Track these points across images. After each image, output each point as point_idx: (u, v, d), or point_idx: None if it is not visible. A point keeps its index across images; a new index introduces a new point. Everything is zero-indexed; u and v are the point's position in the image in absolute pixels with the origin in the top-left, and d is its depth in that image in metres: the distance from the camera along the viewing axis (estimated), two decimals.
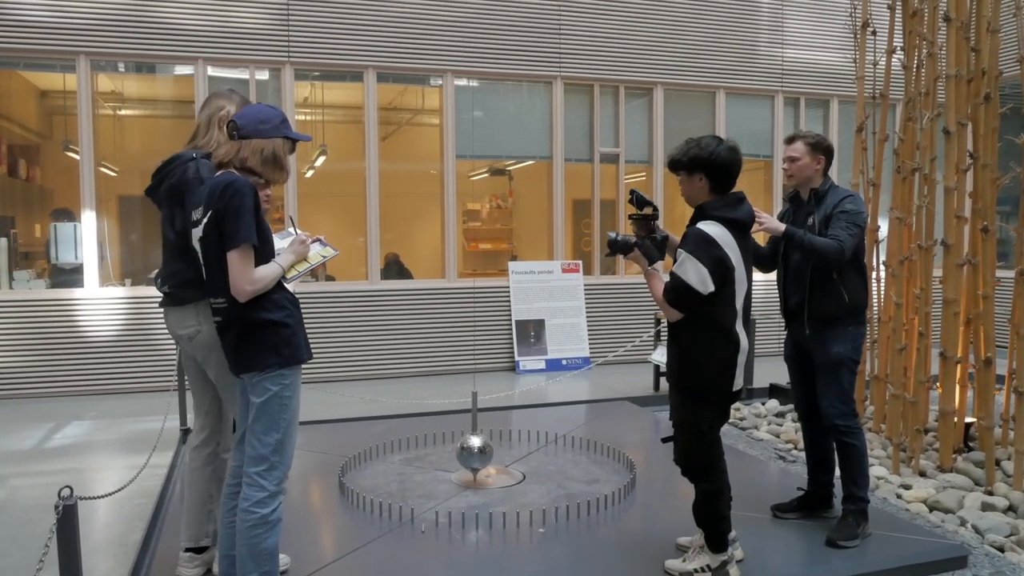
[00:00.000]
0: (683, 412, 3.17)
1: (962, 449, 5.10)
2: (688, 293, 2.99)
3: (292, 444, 2.80)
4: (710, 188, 3.12)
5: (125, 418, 6.38)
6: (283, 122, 2.83)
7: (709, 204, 3.11)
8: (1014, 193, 5.68)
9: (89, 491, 3.67)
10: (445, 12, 8.21)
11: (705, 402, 3.14)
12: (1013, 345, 4.93)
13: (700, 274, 2.97)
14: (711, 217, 3.08)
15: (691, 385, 3.14)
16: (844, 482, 3.73)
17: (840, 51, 9.11)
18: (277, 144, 2.78)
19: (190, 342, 3.08)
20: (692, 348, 3.10)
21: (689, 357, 3.12)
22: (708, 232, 3.03)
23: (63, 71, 7.59)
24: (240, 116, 2.79)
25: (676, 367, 3.18)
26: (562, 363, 8.49)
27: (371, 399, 6.73)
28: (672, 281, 3.04)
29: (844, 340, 3.66)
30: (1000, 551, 3.75)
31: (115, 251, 8.56)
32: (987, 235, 4.92)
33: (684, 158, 3.12)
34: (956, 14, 4.80)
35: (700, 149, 3.09)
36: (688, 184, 3.17)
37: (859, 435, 3.70)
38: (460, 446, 4.47)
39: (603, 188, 9.00)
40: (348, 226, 9.23)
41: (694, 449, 3.17)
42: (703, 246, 3.01)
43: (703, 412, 3.14)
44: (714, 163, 3.07)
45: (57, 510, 2.40)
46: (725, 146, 3.11)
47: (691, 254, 2.99)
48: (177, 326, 3.11)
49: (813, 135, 3.80)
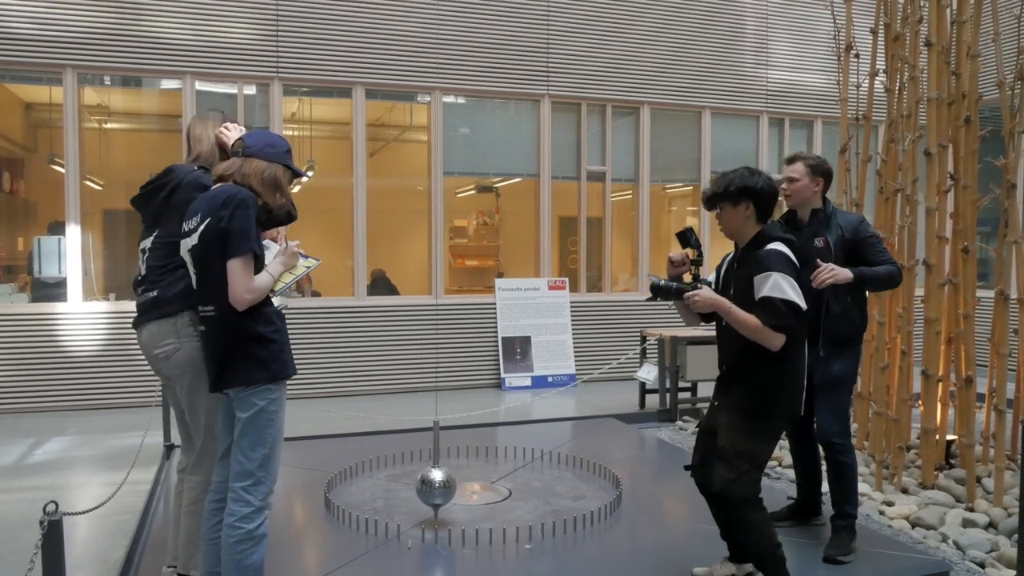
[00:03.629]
0: (749, 441, 3.03)
1: (944, 466, 5.14)
2: (794, 311, 2.90)
3: (278, 459, 2.80)
4: (756, 217, 3.09)
5: (107, 434, 6.32)
6: (288, 152, 2.90)
7: (770, 227, 3.11)
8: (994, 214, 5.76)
9: (71, 507, 3.64)
10: (433, 30, 8.26)
11: (775, 428, 3.08)
12: (993, 364, 4.99)
13: (796, 289, 2.92)
14: (776, 239, 3.05)
15: (769, 412, 3.03)
16: (836, 499, 3.75)
17: (824, 73, 9.25)
18: (278, 170, 2.84)
19: (166, 361, 3.02)
20: (779, 372, 3.01)
21: (775, 382, 3.01)
22: (782, 250, 3.00)
23: (49, 84, 7.58)
24: (250, 136, 2.85)
25: (766, 394, 3.02)
26: (548, 380, 8.50)
27: (357, 415, 6.71)
28: (773, 306, 2.90)
29: (846, 360, 3.72)
30: (981, 567, 3.78)
31: (99, 265, 8.52)
32: (968, 255, 4.98)
33: (731, 188, 3.06)
34: (937, 39, 4.89)
35: (746, 179, 3.05)
36: (733, 215, 3.10)
37: (852, 453, 3.75)
38: (420, 479, 4.04)
39: (590, 206, 9.05)
40: (335, 242, 9.23)
41: (750, 480, 3.03)
42: (786, 262, 2.97)
43: (771, 440, 3.09)
44: (763, 192, 3.05)
45: (42, 525, 2.38)
46: (765, 176, 3.10)
47: (781, 272, 2.92)
48: (153, 344, 3.04)
49: (813, 157, 3.82)
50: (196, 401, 3.05)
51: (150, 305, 3.08)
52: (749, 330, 2.95)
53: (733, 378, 3.13)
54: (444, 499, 4.07)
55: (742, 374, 3.08)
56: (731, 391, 3.13)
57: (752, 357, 3.02)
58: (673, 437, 6.37)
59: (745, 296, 3.00)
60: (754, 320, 2.93)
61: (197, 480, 3.13)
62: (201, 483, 3.11)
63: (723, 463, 3.06)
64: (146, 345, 3.10)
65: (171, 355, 3.01)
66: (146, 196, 3.21)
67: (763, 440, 3.06)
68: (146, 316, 3.10)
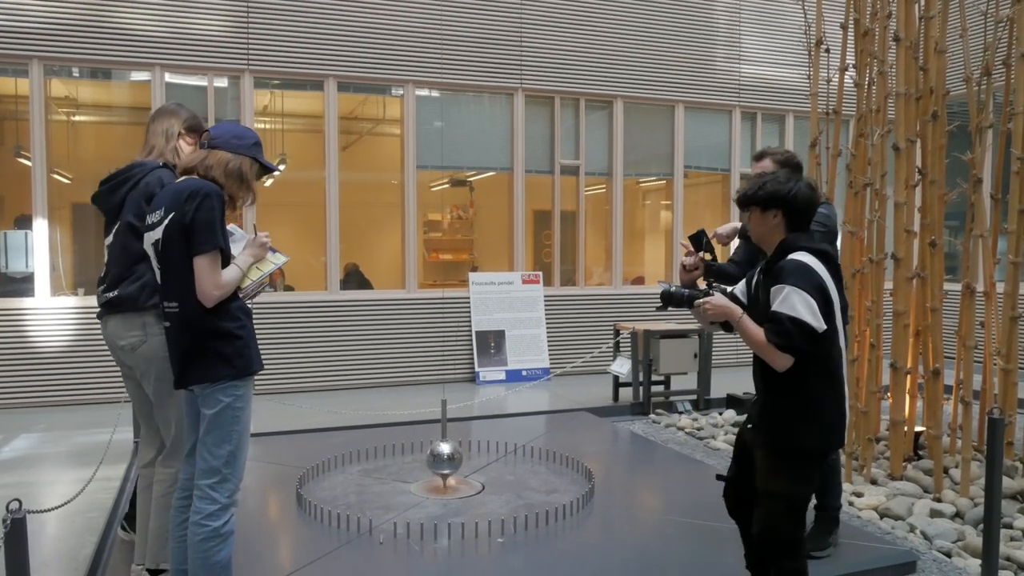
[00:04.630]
0: (783, 481, 2.73)
1: (912, 457, 5.22)
2: (803, 331, 2.60)
3: (244, 456, 2.77)
4: (786, 227, 2.80)
5: (75, 430, 6.24)
6: (256, 144, 2.85)
7: (795, 237, 2.79)
8: (961, 208, 5.85)
9: (38, 505, 3.58)
10: (407, 22, 8.21)
11: (812, 466, 2.76)
12: (960, 356, 5.07)
13: (811, 307, 2.61)
14: (801, 249, 2.75)
15: (800, 446, 2.72)
16: (818, 491, 3.69)
17: (795, 68, 9.31)
18: (244, 162, 2.79)
19: (132, 352, 3.02)
20: (805, 401, 2.71)
21: (801, 412, 2.71)
22: (804, 261, 2.70)
23: (15, 75, 7.44)
24: (216, 128, 2.81)
25: (780, 426, 2.75)
26: (522, 374, 8.51)
27: (330, 410, 6.67)
28: (779, 323, 2.63)
29: None
30: (947, 556, 3.84)
31: (67, 260, 8.39)
32: (935, 249, 5.05)
33: (761, 193, 2.80)
34: (905, 35, 4.94)
35: (779, 185, 2.78)
36: (761, 222, 2.83)
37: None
38: (430, 452, 4.48)
39: (563, 199, 9.06)
40: (308, 236, 9.17)
41: (787, 524, 2.73)
42: (806, 276, 2.65)
43: (809, 478, 2.77)
44: (795, 201, 2.76)
45: (5, 524, 2.34)
46: (805, 183, 2.81)
47: (795, 286, 2.62)
48: (118, 335, 3.04)
49: (782, 152, 3.75)
50: (164, 394, 3.03)
51: (115, 301, 3.06)
52: (755, 346, 2.71)
53: (759, 408, 2.86)
54: (452, 468, 4.51)
55: (766, 406, 2.82)
56: (759, 425, 2.85)
57: (770, 385, 2.79)
58: (646, 430, 6.41)
59: (764, 311, 2.74)
60: (760, 335, 2.69)
61: (168, 473, 3.11)
62: (172, 476, 3.10)
63: (759, 503, 2.82)
64: (111, 336, 3.09)
65: (137, 347, 3.01)
66: (107, 192, 3.19)
67: (793, 480, 2.73)
68: (111, 310, 3.08)
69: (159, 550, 3.14)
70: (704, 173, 10.12)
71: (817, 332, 2.62)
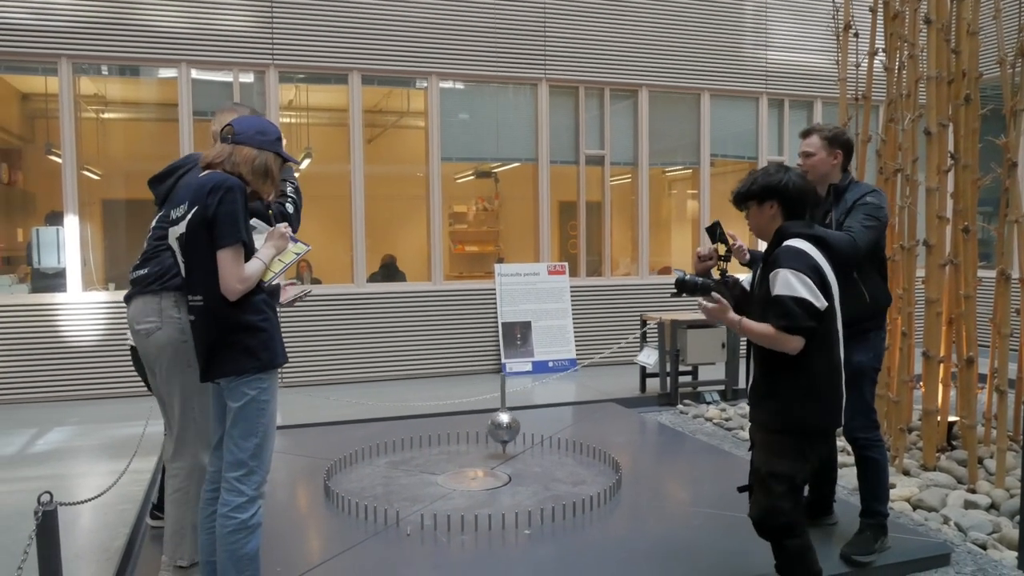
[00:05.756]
0: (782, 461, 2.81)
1: (945, 448, 5.13)
2: (806, 309, 2.68)
3: (270, 448, 2.79)
4: (783, 216, 2.92)
5: (108, 423, 6.33)
6: (279, 139, 2.86)
7: (788, 225, 2.89)
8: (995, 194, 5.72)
9: (71, 497, 3.64)
10: (430, 14, 8.20)
11: (810, 445, 2.85)
12: (995, 344, 4.96)
13: (808, 286, 2.69)
14: (793, 235, 2.86)
15: (801, 424, 2.81)
16: (864, 496, 3.57)
17: (823, 53, 9.17)
18: (269, 158, 2.80)
19: (146, 338, 3.08)
20: (807, 380, 2.78)
21: (801, 390, 2.78)
22: (797, 246, 2.81)
23: (45, 74, 7.53)
24: (239, 122, 2.81)
25: (781, 405, 2.82)
26: (548, 365, 8.49)
27: (357, 402, 6.70)
28: (782, 305, 2.70)
29: (866, 348, 3.45)
30: (983, 548, 3.77)
31: (98, 255, 8.51)
32: (968, 235, 4.95)
33: (755, 187, 2.93)
34: (937, 16, 4.84)
35: (770, 177, 2.90)
36: (759, 215, 2.96)
37: (881, 448, 3.53)
38: (491, 422, 5.05)
39: (589, 190, 9.01)
40: (334, 229, 9.21)
41: (788, 503, 2.82)
42: (799, 258, 2.76)
43: (807, 457, 2.84)
44: (788, 191, 2.88)
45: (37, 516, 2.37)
46: (795, 173, 2.94)
47: (791, 268, 2.73)
48: (137, 318, 3.12)
49: (830, 128, 3.57)
50: (172, 385, 3.08)
51: (139, 280, 3.15)
52: (764, 341, 2.77)
53: (757, 391, 2.94)
54: (510, 436, 5.06)
55: (764, 387, 2.90)
56: (758, 406, 2.94)
57: (770, 367, 2.85)
58: (674, 421, 6.37)
59: (764, 300, 2.81)
60: (765, 328, 2.75)
61: (178, 467, 3.15)
62: (183, 470, 3.13)
63: (757, 486, 2.91)
64: (131, 319, 3.17)
65: (151, 333, 3.07)
66: (161, 176, 3.30)
67: (795, 458, 2.81)
68: (134, 289, 3.18)
69: (175, 546, 3.17)
70: (731, 161, 10.01)
71: (819, 310, 2.71)
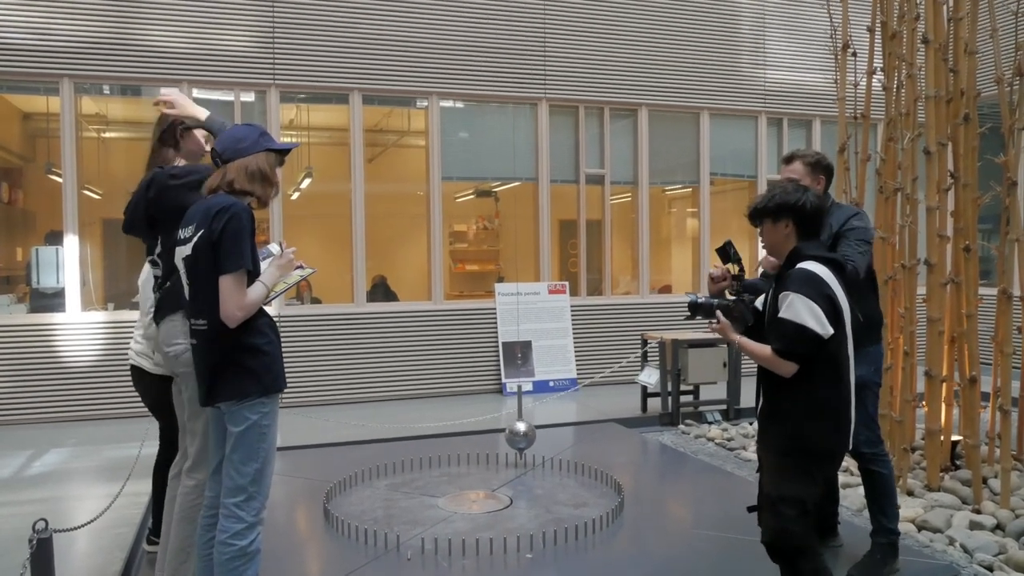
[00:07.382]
0: (791, 484, 2.78)
1: (949, 468, 5.09)
2: (806, 338, 2.68)
3: (270, 474, 2.76)
4: (797, 235, 2.90)
5: (105, 445, 6.28)
6: (263, 135, 2.82)
7: (804, 246, 2.88)
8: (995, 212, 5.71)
9: (68, 520, 3.60)
10: (430, 34, 8.23)
11: (819, 468, 2.84)
12: (997, 363, 4.94)
13: (815, 314, 2.68)
14: (809, 257, 2.84)
15: (808, 445, 2.78)
16: (872, 513, 3.55)
17: (821, 72, 9.19)
18: (260, 159, 2.76)
19: (176, 360, 3.05)
20: (816, 403, 2.77)
21: (808, 412, 2.77)
22: (812, 270, 2.78)
23: (46, 94, 7.55)
24: (219, 142, 2.79)
25: (789, 426, 2.81)
26: (549, 384, 8.46)
27: (356, 423, 6.67)
28: (782, 328, 2.72)
29: (865, 362, 3.44)
30: (989, 570, 3.73)
31: (98, 275, 8.49)
32: (969, 254, 4.94)
33: (771, 204, 2.90)
34: (934, 36, 4.85)
35: (787, 195, 2.88)
36: (773, 232, 2.93)
37: (886, 462, 3.53)
38: (508, 430, 5.22)
39: (589, 209, 9.01)
40: (334, 248, 9.20)
41: (798, 528, 2.77)
42: (811, 284, 2.74)
43: (816, 480, 2.81)
44: (805, 210, 2.86)
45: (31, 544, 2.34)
46: (812, 193, 2.93)
47: (800, 293, 2.71)
48: (167, 341, 3.08)
49: (812, 154, 3.66)
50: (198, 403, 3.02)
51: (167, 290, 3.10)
52: (763, 361, 2.80)
53: (764, 412, 2.93)
54: (527, 444, 5.20)
55: (773, 409, 2.88)
56: (767, 429, 2.93)
57: (778, 389, 2.84)
58: (675, 441, 6.33)
59: (772, 319, 2.83)
60: (764, 349, 2.78)
61: (192, 485, 3.11)
62: (197, 487, 3.09)
63: (768, 510, 2.87)
64: (160, 343, 3.13)
65: (180, 355, 3.02)
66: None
67: (804, 481, 2.78)
68: (160, 313, 3.12)
69: (179, 565, 3.13)
70: (730, 180, 10.02)
71: (822, 337, 2.69)
